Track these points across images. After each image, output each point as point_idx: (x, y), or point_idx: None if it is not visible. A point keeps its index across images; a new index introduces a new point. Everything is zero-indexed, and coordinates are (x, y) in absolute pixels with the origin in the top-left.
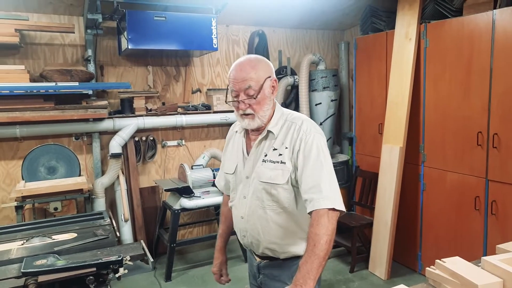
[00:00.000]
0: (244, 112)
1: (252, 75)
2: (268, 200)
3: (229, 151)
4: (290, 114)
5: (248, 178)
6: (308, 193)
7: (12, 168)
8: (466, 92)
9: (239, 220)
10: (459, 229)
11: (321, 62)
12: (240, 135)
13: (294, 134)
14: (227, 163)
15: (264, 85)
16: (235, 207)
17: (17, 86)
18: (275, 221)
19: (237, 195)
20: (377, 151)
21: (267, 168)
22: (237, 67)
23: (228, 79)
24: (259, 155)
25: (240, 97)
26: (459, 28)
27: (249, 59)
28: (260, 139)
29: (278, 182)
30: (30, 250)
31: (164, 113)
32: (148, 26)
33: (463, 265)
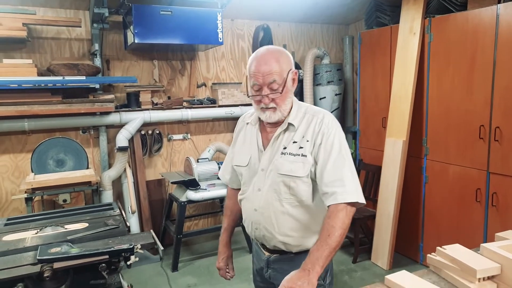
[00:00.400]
0: (266, 106)
1: (276, 68)
2: (286, 193)
3: (239, 143)
4: (309, 107)
5: (263, 171)
6: (330, 186)
7: (20, 161)
8: (469, 86)
9: (251, 212)
10: (460, 221)
11: (325, 56)
12: (253, 127)
13: (315, 128)
14: (239, 156)
15: (287, 78)
16: (248, 199)
17: (25, 80)
18: (291, 214)
19: (250, 188)
20: (380, 145)
21: (286, 160)
22: (260, 60)
23: (249, 72)
24: (277, 147)
25: (263, 91)
26: (463, 23)
27: (271, 51)
28: (280, 131)
29: (299, 175)
30: (44, 239)
31: (169, 107)
32: (154, 21)
33: (463, 252)
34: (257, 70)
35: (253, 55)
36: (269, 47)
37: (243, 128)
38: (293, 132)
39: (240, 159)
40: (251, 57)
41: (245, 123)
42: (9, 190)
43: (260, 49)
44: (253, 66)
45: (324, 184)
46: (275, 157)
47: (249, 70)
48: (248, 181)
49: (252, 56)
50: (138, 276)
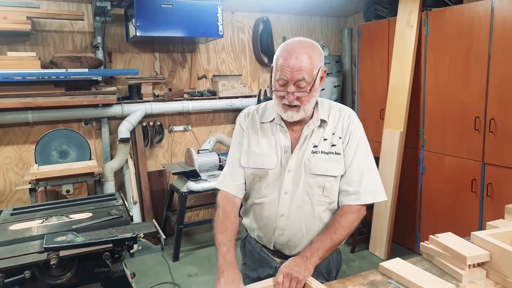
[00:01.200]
0: (289, 103)
1: (307, 64)
2: (319, 195)
3: (254, 143)
4: (332, 102)
5: (290, 172)
6: (350, 185)
7: (24, 153)
8: (465, 78)
9: (275, 218)
10: (456, 211)
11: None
12: (275, 126)
13: (344, 124)
14: (260, 158)
15: (317, 76)
16: (270, 204)
17: (29, 72)
18: (320, 218)
19: (274, 192)
20: (378, 136)
21: (319, 159)
22: (291, 52)
23: (276, 64)
24: (306, 146)
25: (289, 88)
26: (459, 16)
27: (304, 44)
28: (313, 129)
29: (335, 174)
30: (50, 228)
31: (170, 99)
32: (156, 14)
33: (455, 240)
34: (286, 64)
35: (283, 46)
36: (301, 39)
37: (258, 126)
38: (323, 129)
39: (263, 161)
40: (281, 48)
41: (257, 121)
42: (13, 181)
43: (291, 40)
44: (281, 58)
45: (347, 182)
46: (305, 157)
47: (276, 62)
48: (270, 185)
49: (281, 47)
50: (140, 266)
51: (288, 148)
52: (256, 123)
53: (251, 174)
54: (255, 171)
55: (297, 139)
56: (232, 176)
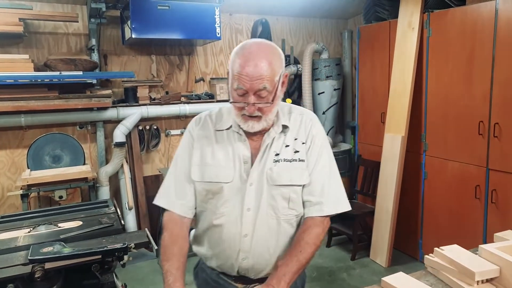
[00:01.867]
0: (250, 114)
1: (268, 72)
2: (284, 208)
3: (208, 154)
4: (292, 106)
5: (252, 185)
6: (313, 195)
7: (17, 157)
8: (468, 81)
9: (237, 240)
10: (460, 218)
11: (324, 51)
12: (233, 134)
13: (306, 128)
14: (214, 170)
15: (279, 84)
16: (231, 224)
17: (21, 75)
18: (287, 233)
19: (234, 209)
20: (379, 140)
21: (283, 168)
22: (250, 59)
23: (233, 71)
24: (267, 155)
25: (250, 99)
26: (462, 18)
27: (263, 48)
28: (274, 136)
29: (300, 183)
30: (37, 238)
31: (167, 102)
32: (152, 15)
33: (461, 253)
34: (244, 72)
35: (239, 50)
36: (259, 41)
37: (208, 134)
38: (284, 135)
39: (217, 174)
40: (236, 52)
41: (211, 128)
42: (5, 186)
43: (248, 42)
44: (238, 65)
45: (308, 192)
46: (266, 166)
47: (232, 68)
48: (230, 201)
49: (237, 51)
50: (134, 273)
51: (247, 158)
52: (210, 131)
53: (203, 190)
54: (208, 186)
55: (257, 149)
56: (180, 193)
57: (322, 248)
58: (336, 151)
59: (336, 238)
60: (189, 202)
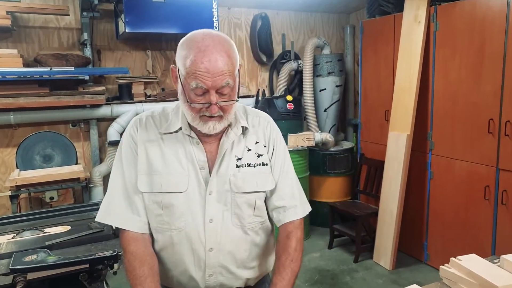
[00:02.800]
0: (211, 115)
1: (229, 66)
2: (250, 216)
3: (156, 161)
4: (246, 107)
5: (212, 194)
6: (285, 199)
7: (7, 156)
8: (477, 77)
9: (202, 255)
10: (467, 219)
11: (326, 47)
12: (182, 138)
13: (266, 131)
14: (164, 179)
15: (237, 78)
16: (192, 239)
17: (10, 71)
18: (254, 242)
19: (194, 222)
20: (383, 139)
21: (247, 174)
22: (207, 53)
23: (186, 68)
24: (228, 160)
25: (212, 98)
26: (471, 11)
27: (219, 40)
28: (234, 139)
29: (266, 188)
30: (20, 245)
31: (163, 99)
32: (147, 9)
33: (480, 264)
34: (204, 68)
35: (191, 42)
36: (210, 32)
37: (153, 138)
38: (244, 137)
39: (168, 183)
40: (189, 45)
41: (156, 131)
42: None
43: (198, 34)
44: (192, 60)
45: (279, 197)
46: (229, 172)
47: (184, 64)
48: (187, 213)
49: (189, 44)
50: None
51: (204, 164)
52: (155, 134)
53: (153, 203)
54: (158, 198)
55: (213, 153)
56: (132, 208)
57: (324, 249)
58: (338, 150)
59: (338, 240)
60: (144, 217)
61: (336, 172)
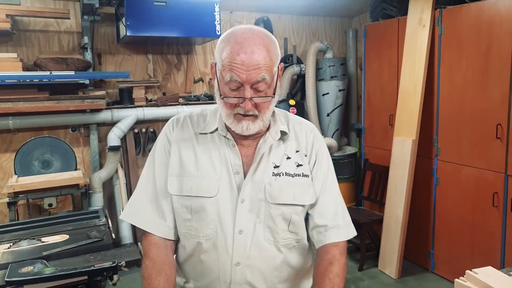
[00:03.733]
0: (245, 113)
1: (267, 60)
2: (284, 231)
3: (188, 162)
4: (287, 113)
5: (244, 202)
6: (327, 217)
7: (5, 162)
8: (484, 81)
9: (228, 269)
10: (475, 227)
11: (328, 50)
12: (219, 139)
13: (308, 140)
14: (194, 182)
15: (277, 75)
16: (217, 250)
17: (9, 75)
18: (288, 261)
19: (222, 231)
20: (387, 144)
21: (284, 183)
22: (245, 45)
23: (222, 61)
24: (264, 166)
25: (246, 93)
26: (477, 14)
27: (259, 34)
28: (271, 143)
29: (304, 202)
30: (17, 255)
31: (164, 103)
32: (148, 12)
33: (498, 277)
34: (238, 60)
35: (230, 36)
36: (251, 27)
37: (189, 138)
38: (284, 144)
39: (199, 187)
40: (228, 39)
41: (192, 131)
42: None
43: (239, 28)
44: (229, 52)
45: (319, 214)
46: (264, 180)
47: (221, 57)
48: (216, 221)
49: (228, 38)
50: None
51: (239, 168)
52: (191, 134)
53: (181, 207)
54: (188, 201)
55: (249, 157)
56: (158, 211)
57: None
58: (341, 155)
59: None
60: (170, 222)
61: (339, 177)
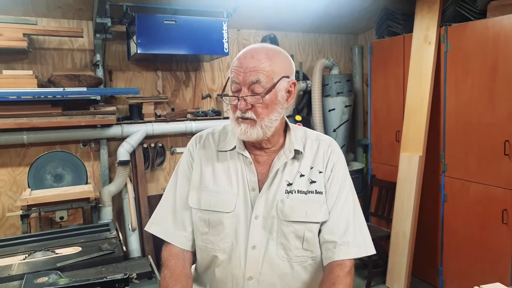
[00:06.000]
0: (242, 115)
1: (265, 66)
2: (298, 248)
3: (207, 177)
4: (307, 130)
5: (258, 219)
6: (336, 233)
7: (19, 175)
8: (490, 98)
9: (240, 283)
10: (484, 244)
11: (334, 67)
12: (237, 156)
13: (325, 157)
14: (213, 197)
15: (278, 85)
16: (231, 263)
17: (24, 91)
18: (301, 279)
19: (237, 246)
20: (394, 159)
21: (296, 201)
22: (248, 53)
23: (231, 67)
24: (278, 183)
25: (242, 93)
26: (483, 31)
27: (266, 47)
28: (285, 161)
29: (317, 219)
30: (32, 266)
31: (173, 119)
32: (158, 30)
33: None
34: (239, 64)
35: (244, 49)
36: (267, 44)
37: (209, 155)
38: (298, 161)
39: (216, 201)
40: (240, 52)
41: (213, 148)
42: (6, 205)
43: (255, 44)
44: (237, 59)
45: (329, 230)
46: (277, 198)
47: (232, 65)
48: (231, 235)
49: (242, 51)
50: None
51: (254, 185)
52: (212, 151)
53: (200, 220)
54: (206, 215)
55: (264, 174)
56: (178, 222)
57: None
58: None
59: None
60: (189, 233)
61: None
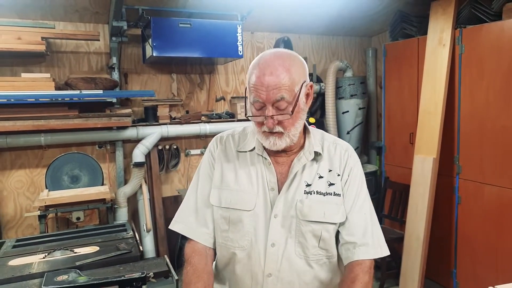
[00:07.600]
0: (270, 130)
1: (286, 80)
2: (314, 247)
3: (229, 177)
4: (324, 133)
5: (277, 217)
6: (356, 235)
7: (36, 176)
8: (506, 100)
9: (260, 280)
10: (499, 246)
11: (348, 69)
12: (257, 157)
13: (342, 159)
14: (234, 195)
15: (300, 94)
16: (251, 260)
17: (42, 94)
18: (318, 277)
19: (256, 243)
20: (408, 162)
21: (315, 202)
22: (265, 68)
23: (249, 84)
24: (297, 184)
25: (267, 111)
26: (498, 33)
27: (280, 56)
28: (305, 163)
29: (335, 220)
30: (52, 265)
31: (187, 121)
32: (173, 33)
33: None
34: (259, 82)
35: (255, 60)
36: (278, 50)
37: (230, 155)
38: (317, 163)
39: (237, 200)
40: (253, 64)
41: (233, 149)
42: (24, 206)
43: (266, 53)
44: (253, 76)
45: (348, 232)
46: (296, 198)
47: (248, 81)
48: (250, 233)
49: (253, 63)
50: None
51: (274, 185)
52: (232, 152)
53: (220, 218)
54: (226, 213)
55: (284, 175)
56: (201, 220)
57: None
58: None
59: None
60: (211, 230)
61: None
